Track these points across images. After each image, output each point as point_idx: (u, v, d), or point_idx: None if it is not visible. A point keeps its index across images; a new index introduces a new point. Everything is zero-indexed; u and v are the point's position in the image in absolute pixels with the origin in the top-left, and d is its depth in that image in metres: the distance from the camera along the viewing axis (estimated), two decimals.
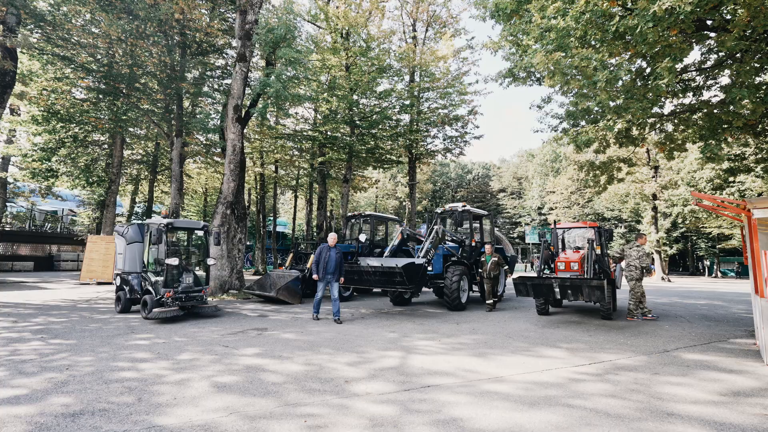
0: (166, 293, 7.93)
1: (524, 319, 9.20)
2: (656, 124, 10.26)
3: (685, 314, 10.33)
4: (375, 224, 14.80)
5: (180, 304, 8.14)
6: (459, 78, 20.28)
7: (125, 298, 9.02)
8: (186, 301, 8.26)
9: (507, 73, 10.87)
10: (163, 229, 8.17)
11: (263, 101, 15.20)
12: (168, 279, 8.28)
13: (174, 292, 8.01)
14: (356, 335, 7.02)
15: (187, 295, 8.28)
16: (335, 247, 8.53)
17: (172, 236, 9.48)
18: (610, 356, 5.78)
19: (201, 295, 8.56)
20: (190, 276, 8.47)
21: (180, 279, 8.38)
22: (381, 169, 24.48)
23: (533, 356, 5.75)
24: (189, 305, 8.40)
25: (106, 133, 19.22)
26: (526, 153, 72.59)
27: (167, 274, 8.28)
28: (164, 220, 8.38)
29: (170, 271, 8.35)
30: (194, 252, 10.62)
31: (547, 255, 9.98)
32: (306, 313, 9.72)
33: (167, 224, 8.30)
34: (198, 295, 8.50)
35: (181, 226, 8.87)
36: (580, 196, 51.13)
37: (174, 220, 8.63)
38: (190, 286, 8.35)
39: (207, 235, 9.30)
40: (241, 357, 5.38)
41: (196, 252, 10.66)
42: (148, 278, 8.52)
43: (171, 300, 7.91)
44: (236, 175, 14.13)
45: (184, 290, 8.25)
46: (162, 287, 8.10)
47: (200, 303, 8.56)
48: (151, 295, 8.09)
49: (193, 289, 8.39)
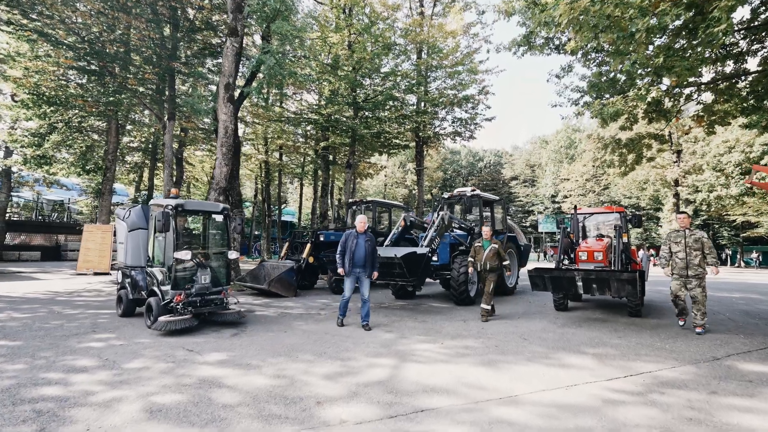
0: (175, 296, 6.15)
1: (540, 315, 8.18)
2: (693, 94, 9.00)
3: (723, 310, 9.19)
4: (378, 211, 13.83)
5: (194, 310, 6.21)
6: (470, 55, 18.98)
7: (127, 299, 7.24)
8: (201, 306, 6.38)
9: (522, 41, 9.65)
10: (170, 213, 6.30)
11: (258, 80, 14.23)
12: (178, 278, 6.49)
13: (186, 296, 6.22)
14: (346, 336, 6.09)
15: (203, 298, 6.41)
16: (366, 234, 6.78)
17: (183, 222, 7.38)
18: (649, 366, 4.75)
19: (221, 298, 6.67)
20: (206, 274, 6.52)
21: (194, 278, 6.52)
22: (387, 155, 23.39)
23: (554, 365, 4.75)
24: (205, 311, 6.49)
25: (100, 118, 18.46)
26: (539, 139, 70.49)
27: (177, 272, 6.45)
28: (172, 201, 6.49)
29: (181, 268, 6.59)
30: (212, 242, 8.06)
31: (567, 244, 8.90)
32: (298, 307, 8.84)
33: (176, 206, 6.42)
34: (217, 298, 6.62)
35: (194, 209, 6.99)
36: (596, 183, 49.38)
37: (185, 201, 6.66)
38: (207, 286, 6.49)
39: (228, 220, 7.34)
40: (201, 366, 4.49)
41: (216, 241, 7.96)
42: (154, 276, 6.73)
43: (182, 305, 6.11)
44: (229, 160, 13.20)
45: (199, 292, 6.39)
46: (171, 288, 6.31)
47: (220, 308, 6.63)
48: (156, 298, 6.34)
49: (211, 290, 6.56)
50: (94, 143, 20.74)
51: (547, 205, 57.38)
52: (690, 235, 6.53)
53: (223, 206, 7.18)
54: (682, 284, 6.51)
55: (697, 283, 6.40)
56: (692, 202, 32.31)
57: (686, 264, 6.45)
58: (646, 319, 7.78)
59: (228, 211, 7.22)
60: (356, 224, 6.88)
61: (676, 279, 6.56)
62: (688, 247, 6.47)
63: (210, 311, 6.57)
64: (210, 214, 7.28)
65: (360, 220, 6.88)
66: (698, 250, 6.42)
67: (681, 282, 6.52)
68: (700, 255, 6.43)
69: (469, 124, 19.75)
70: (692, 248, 6.44)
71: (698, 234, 6.52)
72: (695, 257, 6.44)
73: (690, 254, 6.43)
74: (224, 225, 7.40)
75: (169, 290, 6.32)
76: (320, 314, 8.03)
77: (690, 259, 6.42)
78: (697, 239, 6.45)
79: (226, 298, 6.76)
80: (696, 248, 6.41)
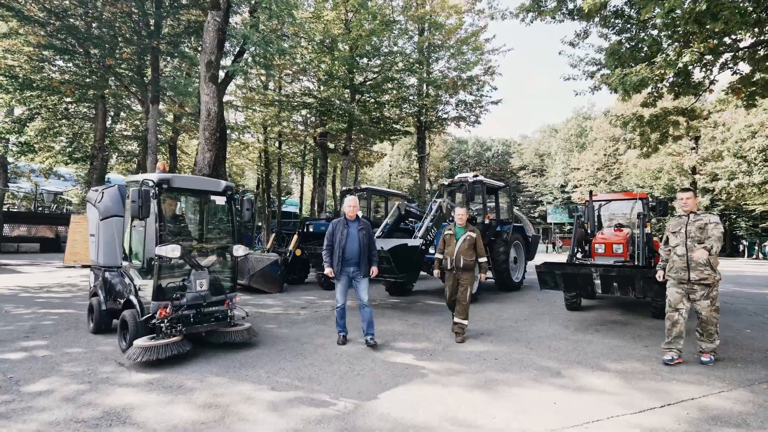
0: (159, 309, 4.31)
1: (549, 317, 7.16)
2: (728, 62, 7.81)
3: (759, 310, 8.09)
4: (375, 200, 12.83)
5: (185, 329, 4.36)
6: (475, 34, 17.73)
7: (100, 310, 5.34)
8: (197, 323, 4.52)
9: (531, 5, 8.53)
10: (152, 190, 4.50)
11: (243, 60, 13.22)
12: (163, 283, 4.59)
13: (174, 309, 4.35)
14: (318, 345, 5.13)
15: (199, 311, 4.55)
16: (358, 221, 5.20)
17: (173, 206, 5.24)
18: (689, 390, 3.73)
19: (224, 311, 4.77)
20: (203, 277, 4.63)
21: (186, 283, 4.63)
22: (389, 142, 22.30)
23: (568, 388, 3.75)
24: (202, 330, 4.62)
25: (85, 104, 17.60)
26: (548, 128, 68.62)
27: (161, 275, 4.54)
28: (154, 176, 4.69)
29: (167, 270, 4.67)
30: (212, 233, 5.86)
31: (581, 234, 7.84)
32: (277, 306, 7.93)
33: (159, 182, 4.60)
34: (218, 311, 4.72)
35: (186, 187, 5.10)
36: (607, 172, 47.75)
37: (172, 176, 4.80)
38: (204, 295, 4.59)
39: (232, 203, 5.25)
40: (120, 389, 3.57)
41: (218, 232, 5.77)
42: (129, 279, 4.90)
43: (168, 323, 4.26)
44: (213, 145, 12.25)
45: (194, 303, 4.49)
46: (152, 298, 4.44)
47: (223, 324, 4.76)
48: (132, 312, 4.53)
49: (210, 300, 4.66)
50: (82, 131, 19.92)
51: (556, 195, 55.91)
52: (694, 222, 4.52)
53: (226, 184, 5.20)
54: (684, 293, 4.54)
55: (705, 293, 4.43)
56: (710, 191, 30.79)
57: (686, 263, 4.48)
58: None
59: (233, 191, 5.24)
60: (344, 209, 5.21)
61: (674, 285, 4.61)
62: (690, 238, 4.48)
63: (209, 329, 4.70)
64: (208, 195, 5.31)
65: (349, 202, 5.21)
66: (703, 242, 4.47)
67: (682, 290, 4.55)
68: None
69: (474, 108, 18.54)
70: (695, 240, 4.46)
71: (706, 218, 4.49)
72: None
73: (692, 249, 4.44)
74: (229, 210, 5.31)
75: (150, 301, 4.47)
76: (299, 315, 7.10)
77: (691, 255, 4.46)
78: (702, 226, 4.44)
79: (231, 310, 4.84)
80: (701, 240, 4.44)
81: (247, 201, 5.41)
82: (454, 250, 5.47)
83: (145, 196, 4.28)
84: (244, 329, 4.91)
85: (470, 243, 5.45)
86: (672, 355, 4.51)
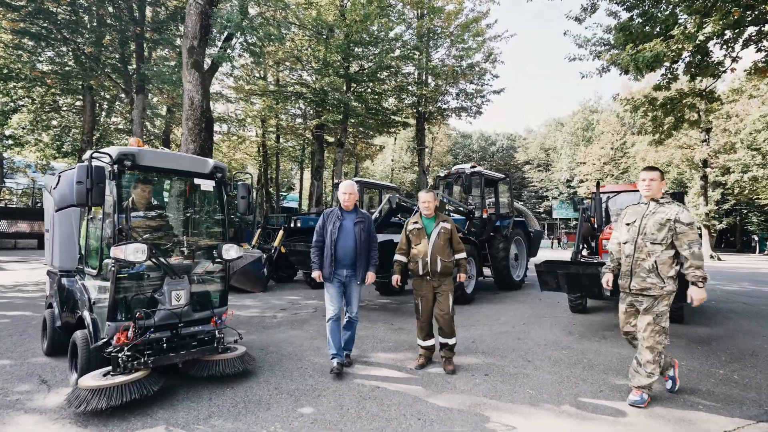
0: (117, 333, 3.13)
1: (551, 320, 6.48)
2: (753, 37, 7.01)
3: None
4: (367, 194, 12.16)
5: (152, 360, 3.20)
6: (477, 20, 16.92)
7: (53, 327, 4.22)
8: (170, 351, 3.37)
9: None
10: (107, 167, 3.33)
11: (230, 45, 12.54)
12: (124, 296, 3.38)
13: (137, 332, 3.19)
14: (283, 355, 4.49)
15: (175, 334, 3.43)
16: (356, 212, 4.13)
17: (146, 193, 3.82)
18: (722, 420, 3.04)
19: (210, 332, 3.65)
20: (180, 288, 3.49)
21: (158, 295, 3.46)
22: (388, 134, 21.57)
23: (571, 417, 3.08)
24: (178, 360, 3.42)
25: (71, 95, 17.04)
26: (554, 122, 67.43)
27: (119, 286, 3.33)
28: (112, 150, 3.43)
29: (128, 278, 3.44)
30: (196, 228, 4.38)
31: (587, 230, 7.13)
32: (256, 307, 7.31)
33: (119, 157, 3.35)
34: (202, 333, 3.60)
35: (158, 166, 3.69)
36: (614, 167, 46.69)
37: (139, 150, 3.50)
38: (182, 311, 3.47)
39: (222, 187, 4.06)
40: (24, 416, 2.95)
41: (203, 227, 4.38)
42: (84, 289, 3.70)
43: (127, 353, 3.10)
44: (197, 136, 11.59)
45: (166, 323, 3.38)
46: (108, 318, 3.24)
47: (208, 350, 3.59)
48: (84, 333, 3.39)
49: (190, 318, 3.55)
50: (71, 123, 19.40)
51: (561, 190, 54.89)
52: (654, 213, 3.25)
53: (215, 163, 4.00)
54: (632, 309, 3.40)
55: (648, 306, 3.24)
56: (722, 185, 29.77)
57: (631, 267, 3.30)
58: (690, 327, 6.02)
59: (223, 173, 4.04)
60: (339, 197, 4.12)
61: (623, 299, 3.47)
62: (642, 234, 3.25)
63: (188, 357, 3.47)
64: (191, 178, 3.95)
65: (345, 188, 4.06)
66: (663, 243, 3.17)
67: (625, 306, 3.44)
68: (665, 251, 3.18)
69: (475, 98, 17.74)
70: (648, 237, 3.22)
71: (671, 212, 3.18)
72: (649, 255, 3.21)
73: (642, 248, 3.23)
74: (218, 198, 4.11)
75: (104, 321, 3.27)
76: (275, 318, 6.47)
77: (639, 256, 3.24)
78: (664, 222, 3.17)
79: (220, 330, 3.70)
80: (656, 239, 3.18)
81: (243, 187, 4.17)
82: (426, 248, 4.05)
83: (97, 175, 3.09)
84: (237, 356, 3.69)
85: (446, 237, 4.11)
86: (641, 395, 3.28)
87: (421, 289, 4.14)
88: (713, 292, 10.01)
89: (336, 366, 3.86)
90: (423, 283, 4.12)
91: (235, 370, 3.63)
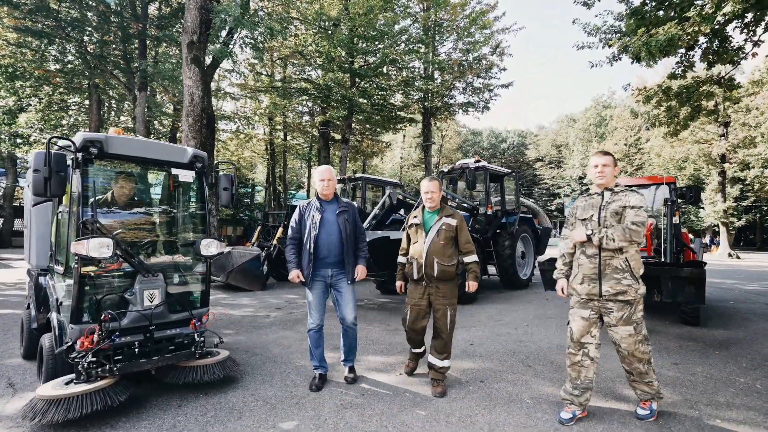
0: (81, 337, 2.87)
1: (557, 321, 6.13)
2: None
3: None
4: (369, 189, 11.89)
5: (119, 368, 2.89)
6: (483, 13, 16.49)
7: (29, 329, 3.95)
8: (142, 357, 3.07)
9: None
10: (69, 155, 3.11)
11: (229, 40, 12.38)
12: (88, 297, 3.08)
13: (103, 336, 2.88)
14: (267, 357, 4.24)
15: (148, 338, 3.14)
16: (337, 201, 3.65)
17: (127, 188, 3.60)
18: None
19: (189, 335, 3.37)
20: (153, 286, 3.23)
21: (129, 295, 3.19)
22: (393, 131, 21.26)
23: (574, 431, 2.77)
24: (150, 366, 3.10)
25: (77, 94, 17.11)
26: (566, 118, 66.30)
27: (82, 285, 3.01)
28: (78, 136, 3.08)
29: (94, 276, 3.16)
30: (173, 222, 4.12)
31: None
32: (251, 306, 7.10)
33: (84, 144, 3.03)
34: (178, 336, 3.33)
35: (130, 154, 3.35)
36: (628, 163, 45.68)
37: (107, 136, 3.19)
38: (154, 313, 3.19)
39: (203, 178, 3.78)
40: None
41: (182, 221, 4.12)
42: (51, 289, 3.54)
43: (90, 359, 2.80)
44: (197, 132, 11.47)
45: (137, 325, 3.11)
46: (70, 321, 2.95)
47: (184, 356, 3.27)
48: (50, 337, 3.21)
49: (166, 320, 3.29)
50: (78, 123, 19.52)
51: (573, 187, 53.96)
52: (610, 203, 2.85)
53: (194, 152, 3.67)
54: (595, 317, 2.89)
55: (623, 315, 2.79)
56: (741, 181, 28.80)
57: (598, 268, 2.82)
58: (707, 330, 5.62)
59: (204, 163, 3.71)
60: (316, 185, 3.60)
61: (579, 305, 2.95)
62: (602, 228, 2.81)
63: (162, 363, 3.15)
64: (168, 168, 3.67)
65: (321, 174, 3.58)
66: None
67: (589, 313, 2.89)
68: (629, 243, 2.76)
69: (483, 92, 17.33)
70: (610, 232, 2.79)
71: (626, 199, 2.80)
72: (620, 251, 2.77)
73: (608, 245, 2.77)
74: (198, 190, 3.85)
75: (67, 324, 2.98)
76: (268, 317, 6.25)
77: (605, 256, 2.80)
78: (620, 210, 2.79)
79: (199, 333, 3.38)
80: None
81: (225, 178, 3.87)
82: (422, 248, 3.43)
83: (57, 163, 2.82)
84: (217, 362, 3.37)
85: (448, 235, 3.41)
86: (573, 411, 2.89)
87: (413, 296, 3.52)
88: (731, 291, 9.51)
89: (317, 380, 3.48)
90: (417, 288, 3.49)
91: (214, 377, 3.30)
